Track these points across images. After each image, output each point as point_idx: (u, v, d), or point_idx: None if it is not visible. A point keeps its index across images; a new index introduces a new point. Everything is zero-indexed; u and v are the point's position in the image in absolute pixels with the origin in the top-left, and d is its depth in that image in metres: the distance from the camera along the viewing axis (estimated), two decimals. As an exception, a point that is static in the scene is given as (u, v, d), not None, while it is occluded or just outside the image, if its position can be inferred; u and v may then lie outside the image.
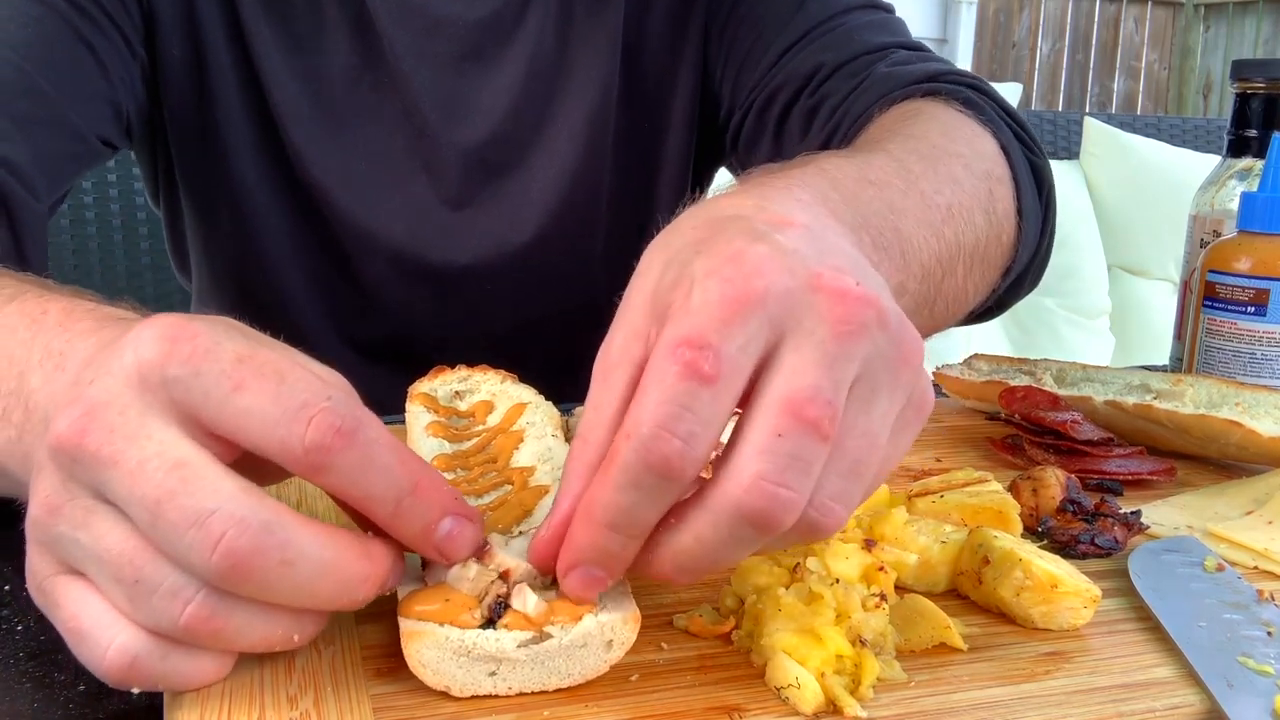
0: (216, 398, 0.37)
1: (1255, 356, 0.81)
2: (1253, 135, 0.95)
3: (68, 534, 0.38)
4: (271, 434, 0.37)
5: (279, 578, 0.37)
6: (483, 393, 0.68)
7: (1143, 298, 2.86)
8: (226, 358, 0.38)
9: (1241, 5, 4.39)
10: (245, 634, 0.39)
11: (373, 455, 0.38)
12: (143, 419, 0.37)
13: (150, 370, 0.37)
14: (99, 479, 0.37)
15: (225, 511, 0.36)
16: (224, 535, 0.36)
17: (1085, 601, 0.48)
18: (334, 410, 0.37)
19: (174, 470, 0.36)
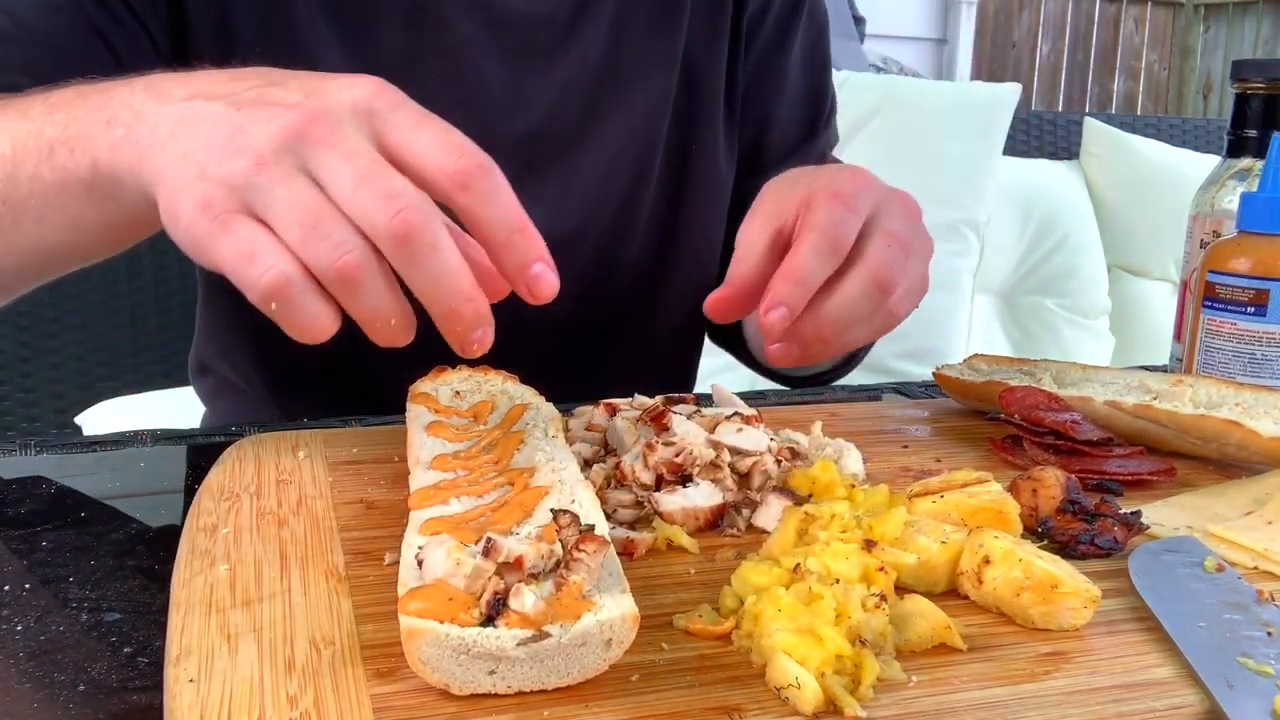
0: (405, 127, 0.51)
1: (1255, 357, 0.81)
2: (1252, 135, 0.95)
3: (266, 184, 0.48)
4: (435, 158, 0.50)
5: (424, 255, 0.48)
6: (483, 393, 0.68)
7: (1143, 298, 2.86)
8: (413, 107, 0.52)
9: (1241, 5, 4.39)
10: (371, 296, 0.48)
11: (500, 191, 0.51)
12: (353, 130, 0.50)
13: (362, 101, 0.51)
14: (312, 156, 0.49)
15: (411, 195, 0.48)
16: (405, 208, 0.47)
17: (1085, 601, 0.48)
18: (480, 153, 0.51)
19: (378, 162, 0.49)
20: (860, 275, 0.65)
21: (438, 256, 0.48)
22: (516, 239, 0.51)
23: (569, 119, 0.96)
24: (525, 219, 0.51)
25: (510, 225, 0.51)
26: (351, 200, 0.48)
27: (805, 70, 1.09)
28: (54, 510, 0.65)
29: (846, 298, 0.65)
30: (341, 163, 0.48)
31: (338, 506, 0.59)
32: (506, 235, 0.51)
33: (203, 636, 0.44)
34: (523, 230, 0.51)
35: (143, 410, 1.62)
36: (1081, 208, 2.84)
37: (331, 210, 0.48)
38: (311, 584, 0.49)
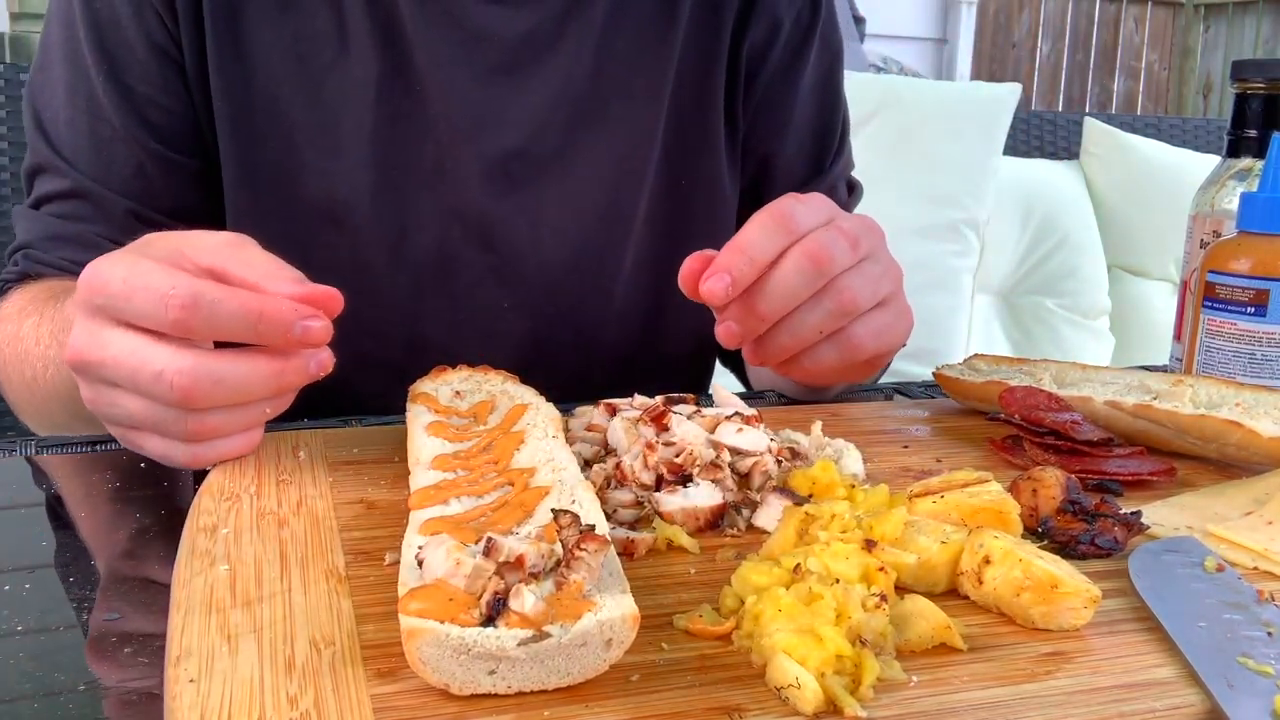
0: (120, 308, 0.58)
1: (1255, 357, 0.81)
2: (1252, 135, 0.95)
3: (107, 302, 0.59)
4: (158, 322, 0.57)
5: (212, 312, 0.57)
6: (483, 393, 0.68)
7: (1143, 298, 2.86)
8: (116, 282, 0.58)
9: (1241, 5, 4.39)
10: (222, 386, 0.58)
11: (217, 310, 0.57)
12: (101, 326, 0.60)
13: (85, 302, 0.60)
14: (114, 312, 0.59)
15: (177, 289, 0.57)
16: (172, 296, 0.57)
17: (1085, 601, 0.48)
18: (176, 294, 0.57)
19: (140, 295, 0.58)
20: (796, 250, 0.66)
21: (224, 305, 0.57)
22: (263, 328, 0.57)
23: (547, 142, 0.94)
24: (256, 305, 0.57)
25: (246, 322, 0.57)
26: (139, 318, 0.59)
27: (815, 103, 1.05)
28: (54, 510, 0.65)
29: (780, 270, 0.67)
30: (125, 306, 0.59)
31: (338, 506, 0.59)
32: (253, 332, 0.57)
33: (203, 637, 0.44)
34: (260, 318, 0.57)
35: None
36: (1081, 208, 2.84)
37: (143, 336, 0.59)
38: (311, 584, 0.49)
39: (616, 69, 0.95)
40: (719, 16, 0.99)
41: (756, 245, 0.66)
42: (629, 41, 0.95)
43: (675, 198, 1.00)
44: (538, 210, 0.95)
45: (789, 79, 1.03)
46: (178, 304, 0.56)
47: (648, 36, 0.96)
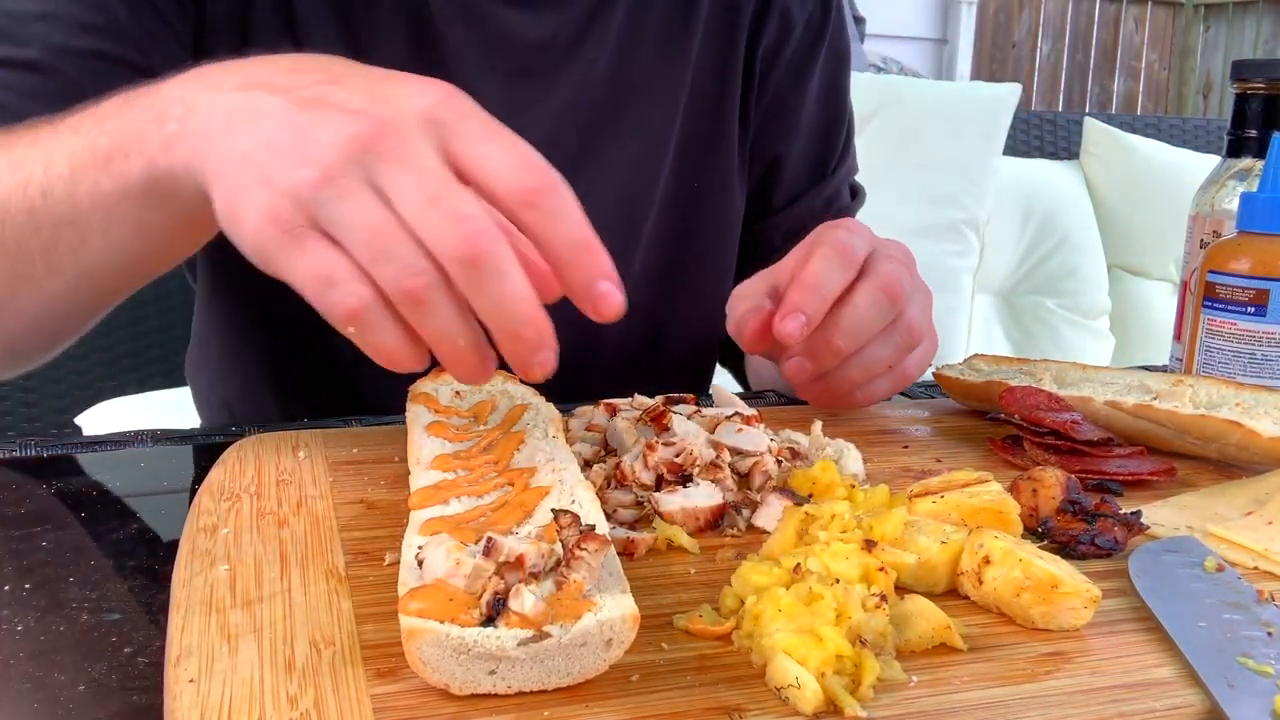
0: (474, 140, 0.49)
1: (1255, 357, 0.81)
2: (1252, 135, 0.95)
3: (334, 199, 0.47)
4: (503, 175, 0.49)
5: (490, 279, 0.47)
6: (483, 393, 0.68)
7: (1143, 298, 2.86)
8: (482, 117, 0.51)
9: (1241, 5, 4.39)
10: (437, 318, 0.48)
11: (567, 209, 0.49)
12: (423, 142, 0.49)
13: (430, 112, 0.49)
14: (380, 170, 0.48)
15: (479, 217, 0.47)
16: (473, 232, 0.46)
17: (1085, 601, 0.48)
18: (548, 170, 0.49)
19: (445, 180, 0.48)
20: (869, 284, 0.68)
21: (503, 282, 0.47)
22: (582, 257, 0.50)
23: (568, 144, 0.94)
24: (591, 236, 0.50)
25: (575, 244, 0.49)
26: (420, 221, 0.47)
27: (821, 107, 1.06)
28: (54, 510, 0.65)
29: (856, 306, 0.69)
30: (411, 180, 0.47)
31: (338, 506, 0.59)
32: (571, 254, 0.49)
33: (203, 637, 0.44)
34: (588, 248, 0.50)
35: (143, 410, 1.62)
36: (1081, 208, 2.84)
37: (399, 231, 0.47)
38: (311, 584, 0.49)
39: (634, 73, 0.95)
40: (736, 18, 0.99)
41: (826, 280, 0.68)
42: (647, 45, 0.95)
43: (687, 200, 1.00)
44: None
45: (799, 81, 1.03)
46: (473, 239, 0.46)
47: (665, 40, 0.96)
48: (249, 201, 0.49)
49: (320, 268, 0.48)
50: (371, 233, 0.47)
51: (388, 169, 0.48)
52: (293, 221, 0.48)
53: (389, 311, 0.48)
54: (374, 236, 0.47)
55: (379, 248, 0.47)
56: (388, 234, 0.47)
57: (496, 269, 0.47)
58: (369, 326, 0.48)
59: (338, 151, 0.48)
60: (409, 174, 0.47)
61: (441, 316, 0.48)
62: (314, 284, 0.48)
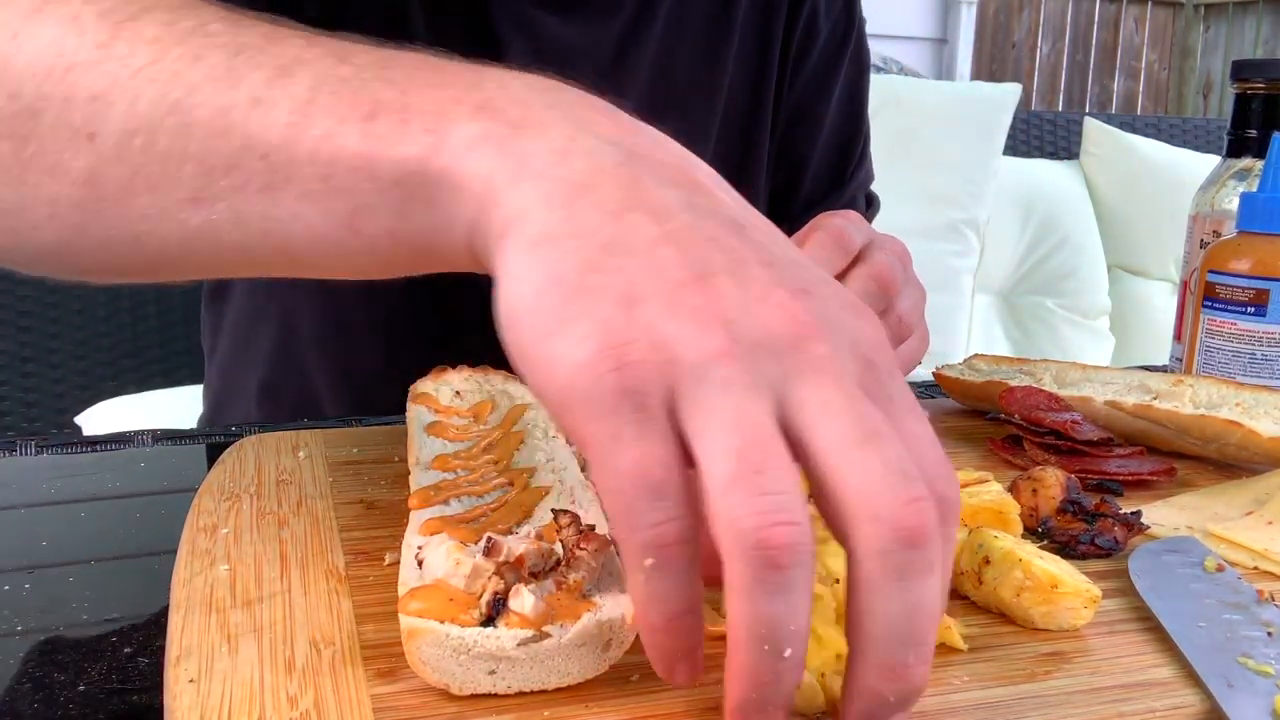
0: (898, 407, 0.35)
1: (1255, 357, 0.81)
2: (1252, 135, 0.95)
3: (721, 381, 0.33)
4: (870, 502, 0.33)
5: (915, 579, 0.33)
6: (483, 393, 0.68)
7: (1143, 298, 2.86)
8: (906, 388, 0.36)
9: (1241, 5, 4.39)
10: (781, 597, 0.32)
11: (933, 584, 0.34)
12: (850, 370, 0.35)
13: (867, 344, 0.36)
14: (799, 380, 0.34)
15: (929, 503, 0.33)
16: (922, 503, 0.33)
17: (1085, 601, 0.48)
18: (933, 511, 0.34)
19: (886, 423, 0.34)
20: (862, 271, 0.65)
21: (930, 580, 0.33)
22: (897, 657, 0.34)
23: None
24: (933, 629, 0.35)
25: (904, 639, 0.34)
26: (850, 461, 0.33)
27: (843, 116, 1.07)
28: (54, 510, 0.65)
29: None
30: (844, 407, 0.34)
31: (338, 506, 0.59)
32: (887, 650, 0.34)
33: (203, 636, 0.44)
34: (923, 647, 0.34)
35: (143, 410, 1.62)
36: (1081, 208, 2.84)
37: (789, 459, 0.33)
38: (311, 584, 0.49)
39: (675, 80, 0.95)
40: (771, 22, 0.99)
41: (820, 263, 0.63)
42: (687, 52, 0.96)
43: None
44: None
45: (823, 87, 1.04)
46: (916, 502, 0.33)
47: (705, 46, 0.97)
48: (591, 319, 0.34)
49: (659, 465, 0.33)
50: (753, 442, 0.33)
51: (813, 380, 0.34)
52: (646, 383, 0.33)
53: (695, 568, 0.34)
54: (753, 448, 0.33)
55: (754, 466, 0.32)
56: (774, 454, 0.33)
57: (929, 562, 0.33)
58: (672, 570, 0.34)
59: (760, 326, 0.34)
60: (840, 395, 0.34)
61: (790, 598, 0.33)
62: (636, 482, 0.33)
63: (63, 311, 1.63)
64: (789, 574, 0.32)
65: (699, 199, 0.37)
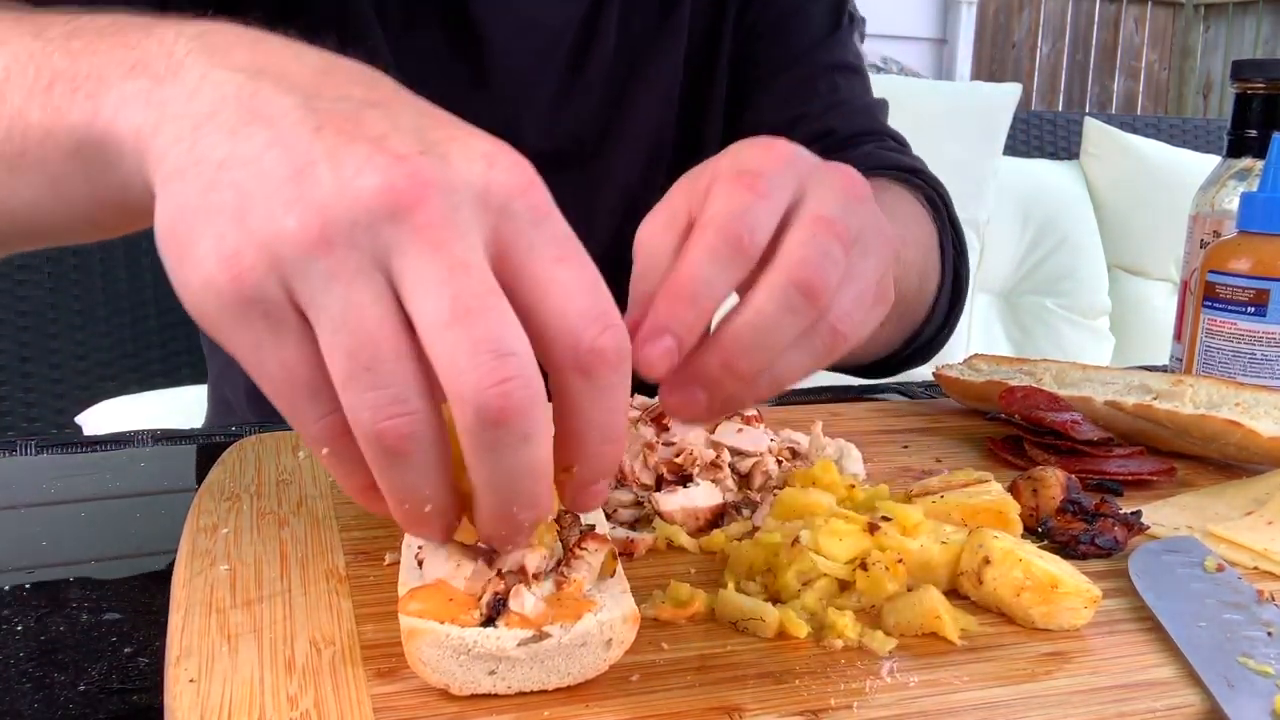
0: (540, 256, 0.37)
1: (1255, 357, 0.81)
2: (1253, 135, 0.95)
3: (324, 272, 0.34)
4: (570, 316, 0.36)
5: (509, 447, 0.36)
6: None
7: (1143, 298, 2.86)
8: (561, 227, 0.38)
9: (1241, 5, 4.39)
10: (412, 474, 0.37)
11: (621, 390, 0.38)
12: (470, 227, 0.36)
13: (499, 191, 0.36)
14: (403, 250, 0.35)
15: (521, 360, 0.35)
16: (512, 378, 0.34)
17: (1085, 601, 0.48)
18: (621, 329, 0.38)
19: (493, 292, 0.35)
20: (775, 279, 0.44)
21: (526, 451, 0.36)
22: (606, 451, 0.39)
23: (594, 120, 0.96)
24: (623, 427, 0.40)
25: (610, 435, 0.39)
26: (440, 340, 0.34)
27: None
28: (54, 510, 0.65)
29: (760, 313, 0.44)
30: (441, 276, 0.34)
31: (338, 506, 0.59)
32: (600, 446, 0.39)
33: (203, 636, 0.44)
34: (618, 441, 0.39)
35: (143, 410, 1.62)
36: (1081, 208, 2.84)
37: (397, 347, 0.35)
38: (311, 584, 0.49)
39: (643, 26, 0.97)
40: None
41: (707, 284, 0.44)
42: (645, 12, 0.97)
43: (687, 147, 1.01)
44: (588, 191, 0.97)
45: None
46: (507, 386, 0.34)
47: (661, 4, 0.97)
48: (207, 236, 0.35)
49: (301, 367, 0.36)
50: (360, 339, 0.35)
51: (413, 250, 0.35)
52: (263, 287, 0.35)
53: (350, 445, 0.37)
54: (362, 345, 0.35)
55: (363, 362, 0.35)
56: (381, 346, 0.35)
57: (524, 434, 0.35)
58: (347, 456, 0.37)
59: (351, 204, 0.34)
60: (440, 266, 0.34)
61: (415, 474, 0.37)
62: (286, 387, 0.36)
63: (63, 311, 1.63)
64: (410, 458, 0.36)
65: (321, 95, 0.38)
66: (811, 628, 0.47)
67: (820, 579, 0.50)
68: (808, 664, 0.45)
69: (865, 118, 1.01)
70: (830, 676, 0.44)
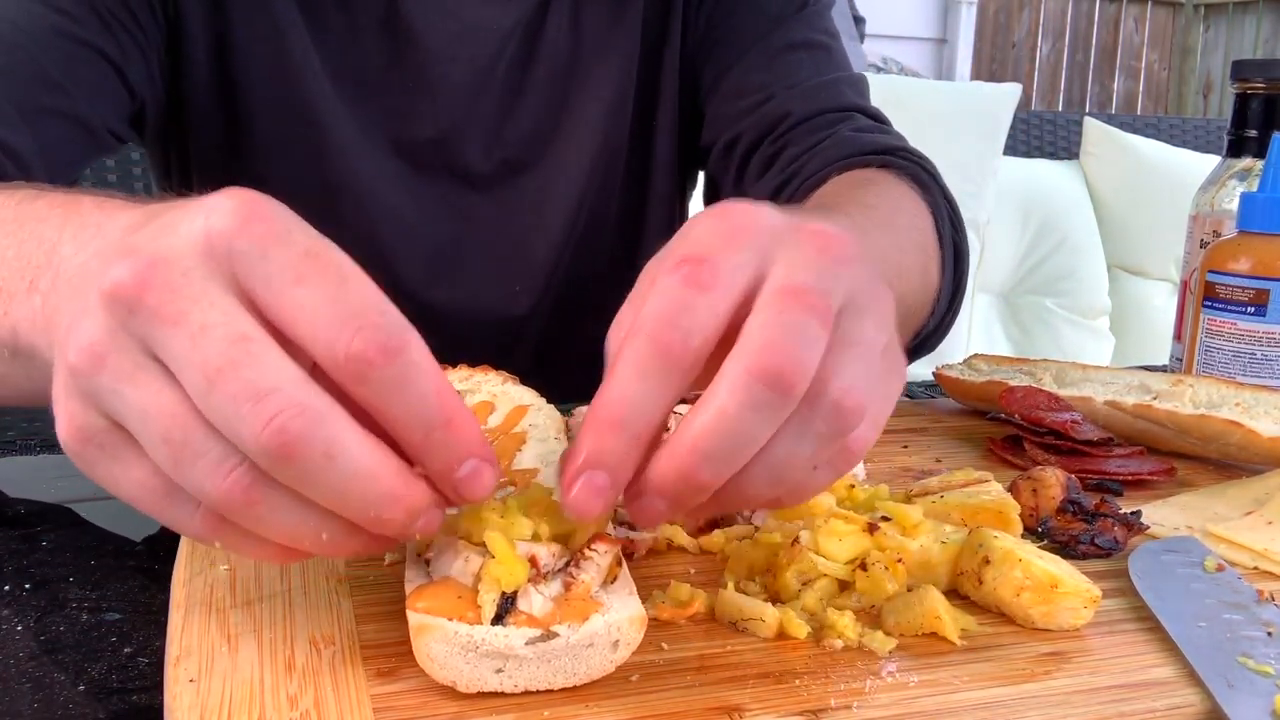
0: (277, 284, 0.37)
1: (1255, 356, 0.81)
2: (1253, 135, 0.95)
3: (109, 386, 0.37)
4: (319, 333, 0.36)
5: (319, 469, 0.36)
6: (483, 393, 0.68)
7: (1143, 298, 2.87)
8: (296, 247, 0.37)
9: (1241, 5, 4.39)
10: (278, 520, 0.38)
11: (411, 379, 0.37)
12: (206, 285, 0.36)
13: (219, 239, 0.37)
14: (154, 336, 0.36)
15: (285, 392, 0.35)
16: (279, 414, 0.35)
17: (1085, 601, 0.48)
18: (385, 325, 0.37)
19: (237, 342, 0.36)
20: (733, 370, 0.38)
21: (335, 467, 0.36)
22: (438, 436, 0.38)
23: (542, 124, 0.96)
24: (451, 406, 0.39)
25: (429, 420, 0.38)
26: (208, 407, 0.36)
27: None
28: (54, 510, 0.65)
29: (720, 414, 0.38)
30: (190, 350, 0.36)
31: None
32: (424, 435, 0.38)
33: (203, 636, 0.44)
34: (446, 423, 0.38)
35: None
36: (1081, 208, 2.84)
37: (196, 417, 0.36)
38: (311, 584, 0.49)
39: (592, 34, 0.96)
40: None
41: (634, 405, 0.39)
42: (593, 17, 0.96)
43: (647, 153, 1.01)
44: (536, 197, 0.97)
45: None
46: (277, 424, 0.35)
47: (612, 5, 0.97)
48: (57, 409, 0.39)
49: (142, 476, 0.38)
50: (164, 422, 0.36)
51: (159, 333, 0.36)
52: (90, 426, 0.38)
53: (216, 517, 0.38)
54: (169, 429, 0.36)
55: (176, 443, 0.36)
56: (184, 421, 0.36)
57: (321, 454, 0.36)
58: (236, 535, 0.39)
59: (100, 319, 0.37)
60: (183, 339, 0.36)
61: (285, 512, 0.37)
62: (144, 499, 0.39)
63: (63, 311, 1.63)
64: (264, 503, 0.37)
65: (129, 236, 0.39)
66: (811, 628, 0.47)
67: (820, 579, 0.50)
68: (808, 664, 0.45)
69: (829, 94, 0.92)
70: (830, 676, 0.44)
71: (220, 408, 0.35)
